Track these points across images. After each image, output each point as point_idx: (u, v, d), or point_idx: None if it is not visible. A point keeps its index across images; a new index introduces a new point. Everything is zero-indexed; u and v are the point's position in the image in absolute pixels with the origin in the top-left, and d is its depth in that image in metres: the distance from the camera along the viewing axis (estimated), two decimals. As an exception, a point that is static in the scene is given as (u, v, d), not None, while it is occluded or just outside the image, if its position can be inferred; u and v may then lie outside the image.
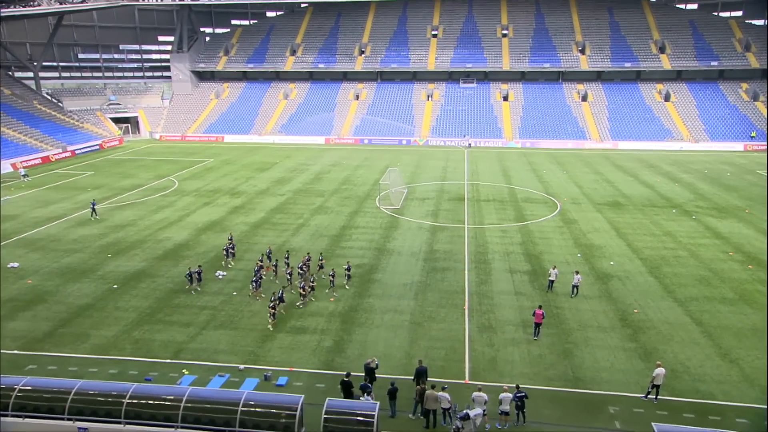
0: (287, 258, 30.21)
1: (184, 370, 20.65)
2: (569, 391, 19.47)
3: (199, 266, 28.81)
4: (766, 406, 17.95)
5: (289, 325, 24.28)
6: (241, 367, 20.92)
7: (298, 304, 26.09)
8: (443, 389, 17.84)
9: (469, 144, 78.20)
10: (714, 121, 78.81)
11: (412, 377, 19.13)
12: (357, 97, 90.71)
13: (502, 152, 73.69)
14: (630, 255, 33.05)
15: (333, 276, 27.72)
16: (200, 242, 35.61)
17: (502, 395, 17.43)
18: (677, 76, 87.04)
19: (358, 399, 17.84)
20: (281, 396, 17.64)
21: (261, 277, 27.52)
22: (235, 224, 39.52)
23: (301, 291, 26.18)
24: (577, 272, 27.73)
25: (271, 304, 24.06)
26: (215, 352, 22.08)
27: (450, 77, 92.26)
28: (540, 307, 23.43)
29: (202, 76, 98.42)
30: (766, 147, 72.11)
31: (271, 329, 23.76)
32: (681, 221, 40.08)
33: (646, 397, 18.93)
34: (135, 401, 16.62)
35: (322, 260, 30.10)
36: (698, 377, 20.18)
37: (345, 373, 18.86)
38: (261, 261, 29.65)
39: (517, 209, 43.66)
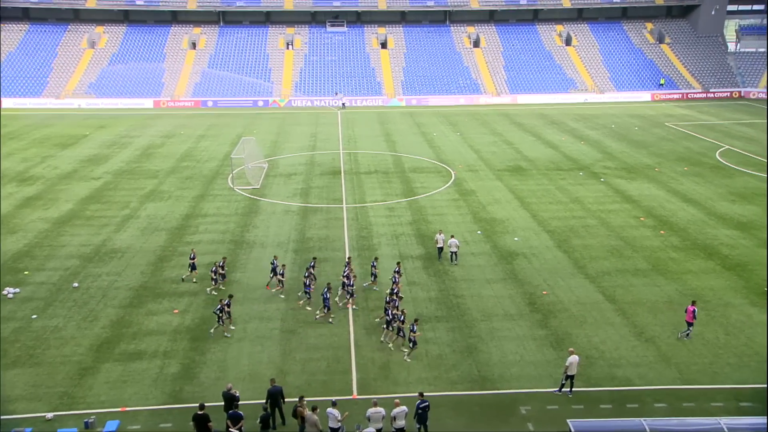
0: (313, 266, 27.61)
1: (-38, 431, 18.86)
2: (475, 394, 20.63)
3: (230, 296, 25.41)
4: (766, 386, 20.43)
5: (118, 351, 23.02)
6: (50, 415, 19.64)
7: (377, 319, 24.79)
8: (333, 404, 18.06)
9: (343, 104, 78.79)
10: (619, 67, 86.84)
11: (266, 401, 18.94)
12: (194, 46, 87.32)
13: (384, 112, 75.14)
14: (536, 228, 35.55)
15: (395, 283, 26.35)
16: (-21, 250, 32.37)
17: (395, 411, 17.96)
18: (578, 15, 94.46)
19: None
20: (111, 446, 16.74)
21: (328, 296, 25.24)
22: (30, 221, 36.59)
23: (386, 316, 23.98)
24: (453, 236, 31.43)
25: (407, 323, 22.78)
26: (8, 400, 20.47)
27: (314, 19, 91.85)
28: (693, 302, 24.04)
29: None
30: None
31: (409, 361, 22.41)
32: (589, 185, 43.86)
33: (560, 390, 20.61)
34: None
35: (374, 266, 28.07)
36: (614, 362, 22.39)
37: (198, 404, 18.34)
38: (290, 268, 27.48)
39: (404, 182, 44.94)
